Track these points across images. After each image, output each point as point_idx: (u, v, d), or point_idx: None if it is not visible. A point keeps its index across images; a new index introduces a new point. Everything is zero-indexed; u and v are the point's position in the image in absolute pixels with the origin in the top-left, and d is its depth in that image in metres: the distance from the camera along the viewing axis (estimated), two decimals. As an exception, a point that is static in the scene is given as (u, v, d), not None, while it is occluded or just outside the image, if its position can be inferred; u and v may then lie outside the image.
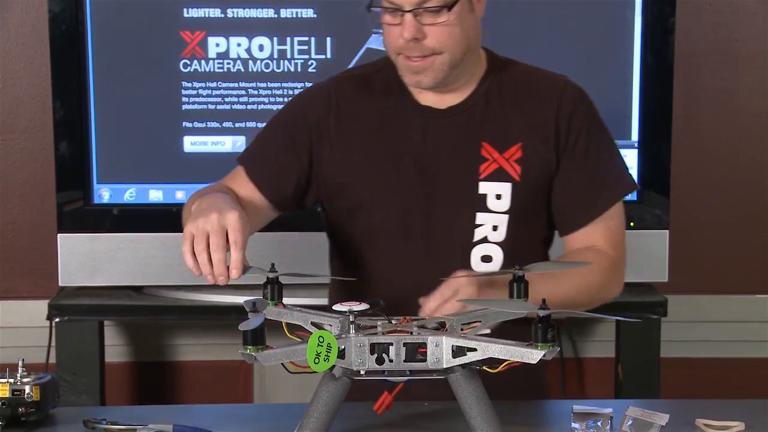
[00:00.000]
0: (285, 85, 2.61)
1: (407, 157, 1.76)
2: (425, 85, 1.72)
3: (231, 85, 2.61)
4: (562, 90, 1.81)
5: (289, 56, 2.60)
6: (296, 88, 2.60)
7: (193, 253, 1.55)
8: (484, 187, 1.75)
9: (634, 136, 2.66)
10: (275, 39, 2.60)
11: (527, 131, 1.76)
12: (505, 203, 1.75)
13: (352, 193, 1.79)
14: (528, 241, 1.80)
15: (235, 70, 2.61)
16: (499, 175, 1.75)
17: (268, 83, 2.61)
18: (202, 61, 2.60)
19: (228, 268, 1.53)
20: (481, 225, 1.76)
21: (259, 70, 2.60)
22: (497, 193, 1.75)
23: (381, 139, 1.78)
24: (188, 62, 2.60)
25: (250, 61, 2.61)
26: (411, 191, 1.76)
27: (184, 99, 2.61)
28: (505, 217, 1.76)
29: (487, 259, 1.76)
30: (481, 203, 1.76)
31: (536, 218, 1.80)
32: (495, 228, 1.76)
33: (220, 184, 1.83)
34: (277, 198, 1.82)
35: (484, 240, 1.76)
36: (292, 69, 2.60)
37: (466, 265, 1.75)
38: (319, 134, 1.79)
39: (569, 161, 1.78)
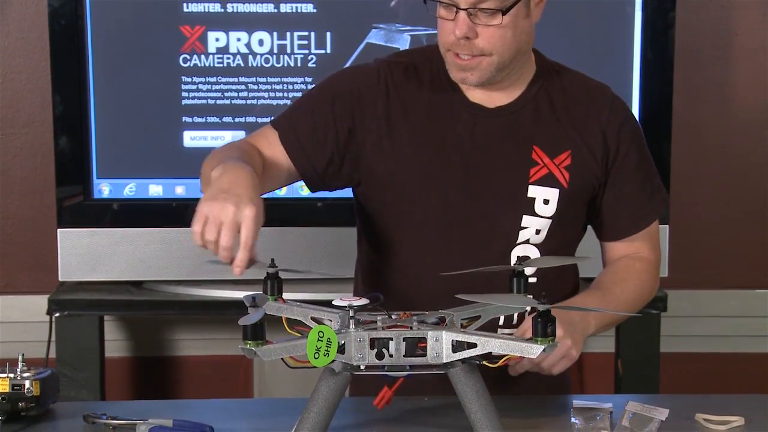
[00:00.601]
0: (285, 80, 2.61)
1: (454, 154, 1.75)
2: (470, 83, 1.72)
3: (231, 80, 2.61)
4: (611, 102, 1.82)
5: (288, 51, 2.60)
6: (296, 83, 2.60)
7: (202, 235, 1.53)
8: (533, 191, 1.75)
9: (634, 131, 2.65)
10: (275, 34, 2.60)
11: (576, 139, 1.77)
12: (551, 208, 1.75)
13: (396, 183, 1.77)
14: (562, 245, 1.80)
15: (234, 65, 2.61)
16: (548, 181, 1.75)
17: (268, 78, 2.61)
18: (202, 56, 2.60)
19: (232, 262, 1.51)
20: (526, 228, 1.76)
21: (259, 65, 2.60)
22: (545, 198, 1.75)
23: (428, 132, 1.76)
24: (188, 57, 2.60)
25: (250, 56, 2.61)
26: (455, 187, 1.75)
27: (184, 94, 2.61)
28: (549, 221, 1.76)
29: (524, 258, 1.75)
30: (529, 206, 1.75)
31: (574, 223, 1.82)
32: (538, 231, 1.76)
33: (246, 143, 1.77)
34: (307, 171, 1.78)
35: (526, 242, 1.76)
36: (292, 64, 2.60)
37: (506, 264, 1.74)
38: (364, 115, 1.76)
39: (621, 172, 1.80)
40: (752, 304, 2.96)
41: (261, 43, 2.60)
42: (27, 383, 1.53)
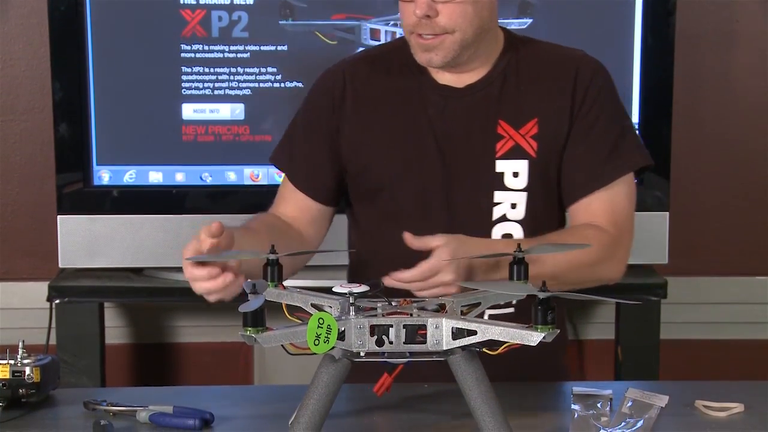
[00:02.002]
0: (285, 66, 2.60)
1: (427, 137, 1.76)
2: (435, 64, 1.72)
3: (231, 69, 2.61)
4: (580, 61, 1.80)
5: (289, 39, 2.59)
6: (296, 73, 2.60)
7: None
8: (500, 165, 1.75)
9: (635, 117, 2.65)
10: (277, 21, 2.59)
11: (543, 105, 1.76)
12: (522, 181, 1.75)
13: (374, 174, 1.79)
14: (547, 219, 1.79)
15: (235, 49, 2.60)
16: (515, 153, 1.75)
17: (269, 68, 2.60)
18: (202, 41, 2.60)
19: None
20: (500, 203, 1.76)
21: (260, 49, 2.60)
22: (514, 171, 1.75)
23: (400, 119, 1.77)
24: (188, 42, 2.59)
25: (251, 42, 2.60)
26: (431, 171, 1.76)
27: (184, 79, 2.61)
28: (524, 194, 1.76)
29: (507, 237, 1.76)
30: (498, 181, 1.75)
31: (554, 195, 1.80)
32: (513, 206, 1.76)
33: (270, 215, 1.83)
34: (324, 197, 1.83)
35: (504, 218, 1.76)
36: (293, 52, 2.59)
37: None
38: (339, 119, 1.79)
39: (578, 130, 1.76)
40: (752, 291, 2.97)
41: (262, 28, 2.59)
42: (27, 370, 1.53)
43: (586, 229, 1.75)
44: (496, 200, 1.76)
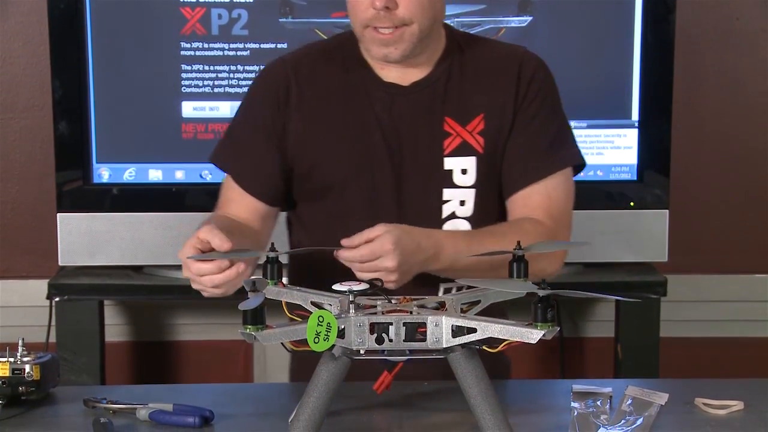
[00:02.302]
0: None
1: (375, 135, 1.75)
2: (393, 58, 1.71)
3: (231, 67, 2.61)
4: (522, 57, 1.80)
5: (289, 36, 2.59)
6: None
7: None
8: (449, 163, 1.75)
9: (635, 115, 2.65)
10: (277, 18, 2.59)
11: (488, 101, 1.75)
12: (470, 177, 1.75)
13: (322, 173, 1.77)
14: (495, 215, 1.79)
15: (235, 47, 2.60)
16: (463, 150, 1.75)
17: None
18: (202, 39, 2.59)
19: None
20: (449, 201, 1.75)
21: (259, 47, 2.60)
22: (463, 168, 1.75)
23: (347, 116, 1.76)
24: (188, 40, 2.59)
25: (250, 40, 2.60)
26: (381, 169, 1.75)
27: (184, 77, 2.61)
28: (472, 191, 1.75)
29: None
30: (447, 179, 1.75)
31: (500, 192, 1.80)
32: (462, 203, 1.76)
33: (217, 216, 1.78)
34: (272, 198, 1.79)
35: (453, 216, 1.76)
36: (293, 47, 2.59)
37: None
38: (285, 117, 1.76)
39: (519, 122, 1.76)
40: (752, 289, 2.97)
41: (262, 25, 2.59)
42: (27, 367, 1.53)
43: (524, 222, 1.74)
44: (445, 198, 1.75)
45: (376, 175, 1.75)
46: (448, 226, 1.75)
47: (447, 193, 1.75)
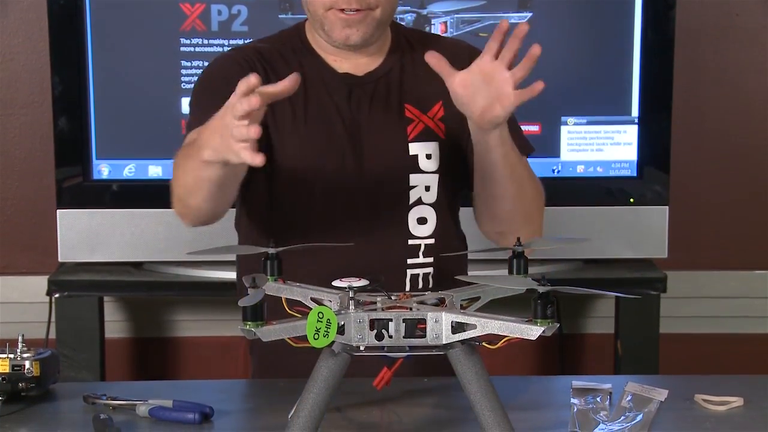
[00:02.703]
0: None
1: (337, 125, 1.75)
2: (354, 41, 1.71)
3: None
4: (469, 48, 1.82)
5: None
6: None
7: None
8: (414, 148, 1.76)
9: (635, 111, 2.65)
10: (275, 12, 2.59)
11: (445, 89, 1.74)
12: (434, 163, 1.76)
13: (287, 164, 1.74)
14: (450, 200, 1.81)
15: (234, 43, 2.60)
16: (426, 135, 1.76)
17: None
18: (202, 35, 2.59)
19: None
20: (415, 186, 1.76)
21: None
22: (427, 153, 1.76)
23: (309, 108, 1.75)
24: (188, 36, 2.59)
25: (250, 36, 2.60)
26: (345, 158, 1.75)
27: (183, 73, 2.60)
28: (435, 176, 1.77)
29: (422, 221, 1.77)
30: (413, 164, 1.76)
31: (459, 178, 1.81)
32: (427, 188, 1.77)
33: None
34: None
35: (419, 202, 1.77)
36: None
37: (405, 229, 1.76)
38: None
39: None
40: (752, 285, 2.97)
41: (262, 21, 2.59)
42: (27, 364, 1.53)
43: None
44: (411, 183, 1.76)
45: (341, 163, 1.75)
46: (414, 212, 1.76)
47: (413, 178, 1.76)
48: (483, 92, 1.58)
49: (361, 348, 1.34)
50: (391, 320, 1.34)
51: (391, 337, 1.34)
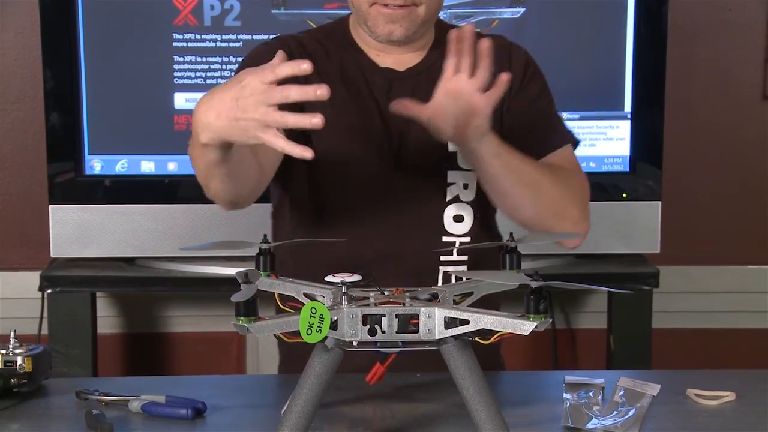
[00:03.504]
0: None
1: (375, 119, 1.75)
2: (397, 36, 1.71)
3: (224, 58, 2.60)
4: (511, 46, 1.82)
5: (283, 27, 2.59)
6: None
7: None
8: (453, 145, 1.75)
9: (627, 107, 2.65)
10: (268, 7, 2.59)
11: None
12: None
13: (324, 157, 1.71)
14: (489, 200, 1.79)
15: (227, 38, 2.60)
16: None
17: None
18: (195, 30, 2.59)
19: None
20: (453, 183, 1.76)
21: (252, 38, 2.59)
22: None
23: (347, 99, 1.75)
24: (180, 31, 2.59)
25: (243, 31, 2.59)
26: (384, 153, 1.75)
27: (176, 68, 2.60)
28: (475, 174, 1.76)
29: (459, 218, 1.77)
30: (451, 161, 1.76)
31: None
32: (466, 186, 1.76)
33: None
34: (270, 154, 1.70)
35: (456, 199, 1.76)
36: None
37: (440, 225, 1.76)
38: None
39: (521, 102, 1.77)
40: (745, 280, 2.97)
41: (255, 16, 2.59)
42: (19, 359, 1.53)
43: (558, 170, 1.76)
44: (449, 180, 1.76)
45: (376, 158, 1.75)
46: (450, 210, 1.76)
47: (451, 175, 1.76)
48: (455, 110, 1.57)
49: (354, 343, 1.34)
50: (384, 315, 1.33)
51: (384, 332, 1.34)
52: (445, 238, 1.76)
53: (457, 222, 1.77)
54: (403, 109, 1.59)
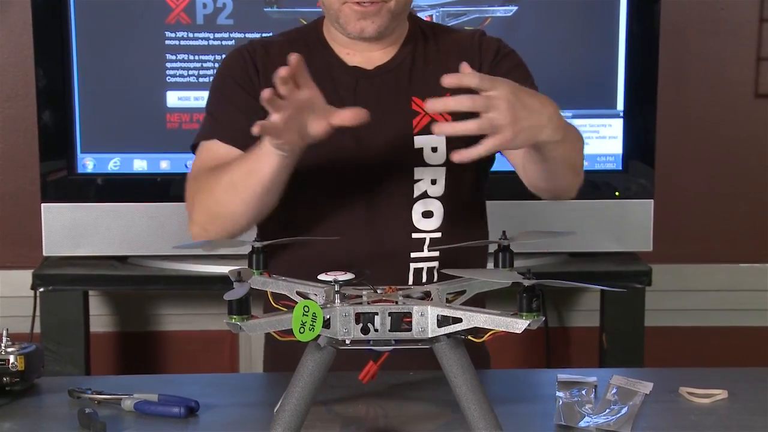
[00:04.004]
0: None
1: None
2: (369, 33, 1.72)
3: (216, 56, 2.60)
4: (481, 38, 1.81)
5: (275, 25, 2.58)
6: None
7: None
8: (419, 141, 1.75)
9: (620, 105, 2.66)
10: (260, 5, 2.59)
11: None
12: (441, 155, 1.75)
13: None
14: (465, 194, 1.80)
15: (220, 36, 2.59)
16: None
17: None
18: (187, 28, 2.59)
19: None
20: (420, 180, 1.76)
21: (245, 36, 2.59)
22: (433, 146, 1.75)
23: None
24: (173, 29, 2.58)
25: (236, 30, 2.59)
26: (346, 152, 1.74)
27: (168, 66, 2.60)
28: (443, 169, 1.76)
29: (428, 214, 1.76)
30: (418, 157, 1.75)
31: (470, 169, 1.79)
32: (434, 182, 1.76)
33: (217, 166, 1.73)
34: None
35: (425, 195, 1.76)
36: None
37: (408, 221, 1.76)
38: (256, 98, 1.74)
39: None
40: (737, 278, 2.98)
41: (248, 14, 2.58)
42: (11, 358, 1.52)
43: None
44: (416, 177, 1.75)
45: (341, 157, 1.74)
46: (419, 205, 1.76)
47: (418, 171, 1.76)
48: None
49: (347, 342, 1.34)
50: (376, 314, 1.33)
51: (376, 330, 1.34)
52: (414, 235, 1.76)
53: (426, 218, 1.77)
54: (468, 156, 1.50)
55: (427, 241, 1.76)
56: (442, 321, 1.34)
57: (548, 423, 1.45)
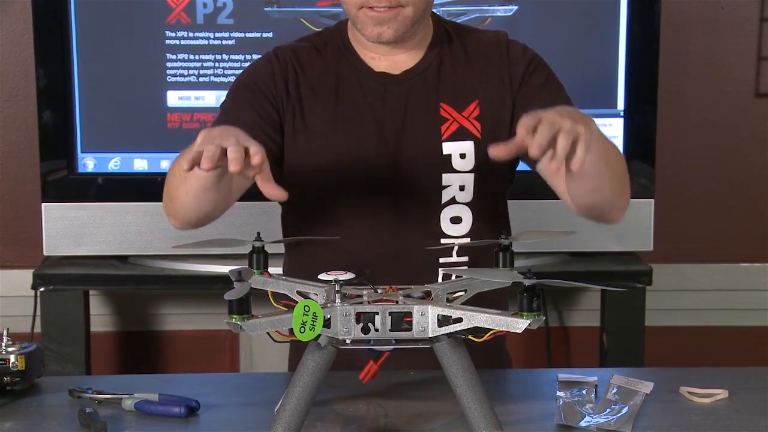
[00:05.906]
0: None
1: (368, 124, 1.75)
2: (386, 38, 1.71)
3: (216, 46, 2.60)
4: (506, 45, 1.81)
5: (276, 25, 2.58)
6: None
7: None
8: (447, 148, 1.75)
9: (620, 104, 2.65)
10: (261, 5, 2.59)
11: (481, 88, 1.76)
12: (469, 162, 1.75)
13: (317, 163, 1.76)
14: (493, 200, 1.81)
15: (220, 36, 2.59)
16: (461, 134, 1.75)
17: (254, 55, 2.59)
18: (187, 28, 2.59)
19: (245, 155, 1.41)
20: (448, 186, 1.76)
21: (245, 36, 2.59)
22: (461, 152, 1.75)
23: (340, 107, 1.76)
24: (173, 29, 2.58)
25: (236, 29, 2.59)
26: (375, 157, 1.75)
27: (169, 66, 2.60)
28: (471, 176, 1.76)
29: (456, 220, 1.77)
30: (446, 163, 1.75)
31: (499, 175, 1.80)
32: (462, 188, 1.76)
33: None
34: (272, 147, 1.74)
35: (453, 201, 1.76)
36: (278, 36, 2.59)
37: (437, 227, 1.76)
38: (283, 103, 1.76)
39: (527, 92, 1.76)
40: (737, 278, 2.98)
41: (249, 15, 2.58)
42: (12, 358, 1.53)
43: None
44: (444, 183, 1.76)
45: (372, 164, 1.75)
46: (447, 212, 1.76)
47: (446, 178, 1.75)
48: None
49: (348, 341, 1.34)
50: (377, 313, 1.34)
51: (377, 330, 1.34)
52: (443, 240, 1.76)
53: (455, 224, 1.77)
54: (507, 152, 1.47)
55: (457, 247, 1.76)
56: (443, 321, 1.34)
57: (548, 423, 1.45)
